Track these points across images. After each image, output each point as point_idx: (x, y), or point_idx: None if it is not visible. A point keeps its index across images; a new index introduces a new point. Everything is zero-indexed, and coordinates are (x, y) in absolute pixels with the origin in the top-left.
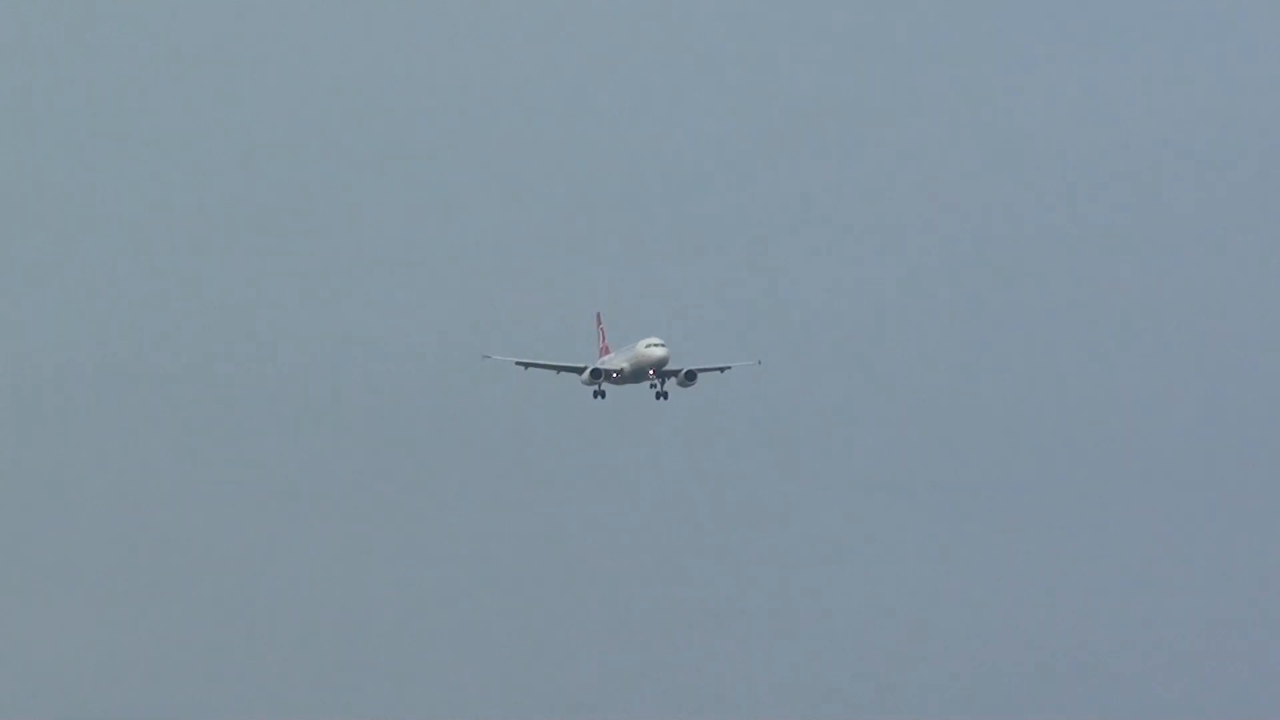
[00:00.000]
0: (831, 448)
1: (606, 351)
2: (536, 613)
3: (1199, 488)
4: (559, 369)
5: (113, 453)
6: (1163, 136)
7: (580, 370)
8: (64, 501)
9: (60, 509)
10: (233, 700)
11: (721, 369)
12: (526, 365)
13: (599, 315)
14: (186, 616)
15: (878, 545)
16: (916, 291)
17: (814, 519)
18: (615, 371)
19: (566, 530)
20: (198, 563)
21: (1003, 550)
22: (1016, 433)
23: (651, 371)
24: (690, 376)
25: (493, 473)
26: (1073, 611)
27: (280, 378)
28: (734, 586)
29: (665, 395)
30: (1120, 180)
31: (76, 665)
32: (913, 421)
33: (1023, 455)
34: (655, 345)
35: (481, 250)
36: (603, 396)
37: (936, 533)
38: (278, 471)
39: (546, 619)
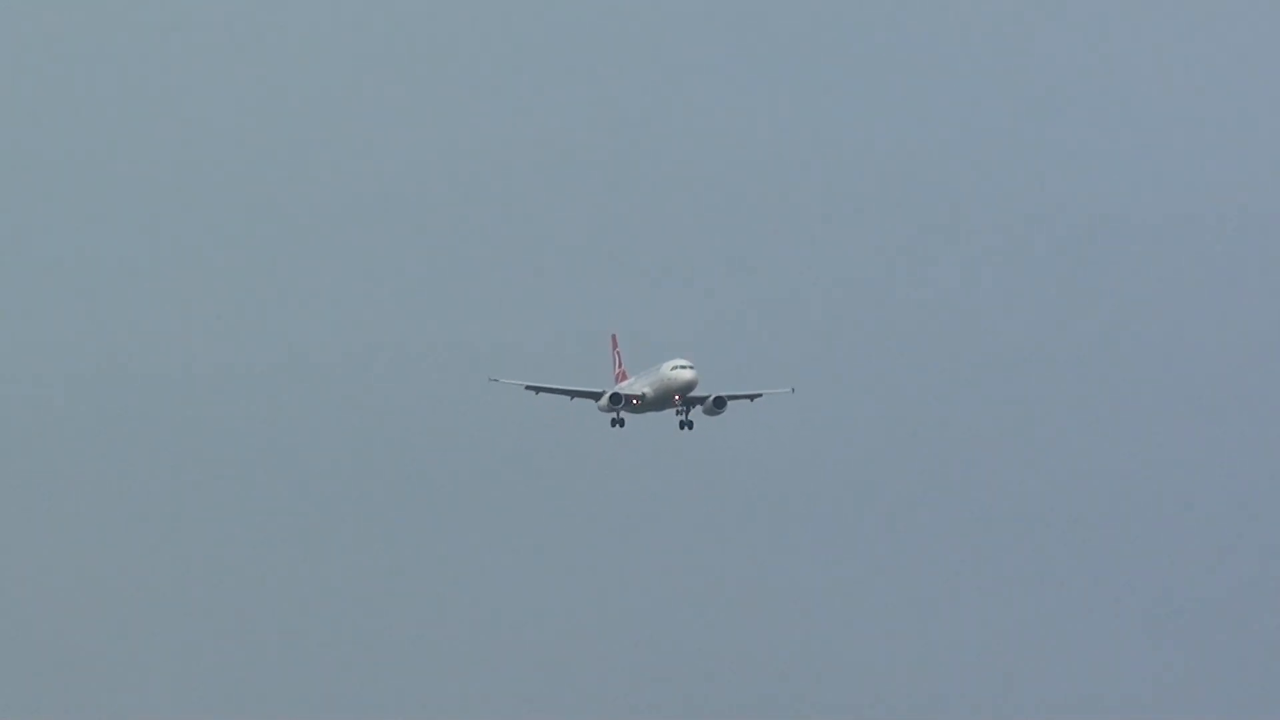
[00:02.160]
0: (871, 485)
1: (623, 377)
2: (534, 665)
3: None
4: (573, 394)
5: (109, 460)
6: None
7: (597, 396)
8: (72, 508)
9: (67, 516)
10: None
11: (752, 396)
12: (538, 390)
13: (614, 337)
14: (182, 629)
15: (916, 594)
16: (965, 308)
17: (851, 564)
18: (636, 397)
19: (578, 572)
20: (189, 581)
21: (1041, 590)
22: (1061, 466)
23: (677, 397)
24: (719, 404)
25: (499, 509)
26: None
27: (270, 400)
28: (758, 638)
29: (690, 425)
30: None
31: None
32: (961, 458)
33: (1066, 492)
34: (682, 367)
35: (487, 265)
36: (621, 425)
37: (982, 583)
38: (267, 501)
39: (546, 673)
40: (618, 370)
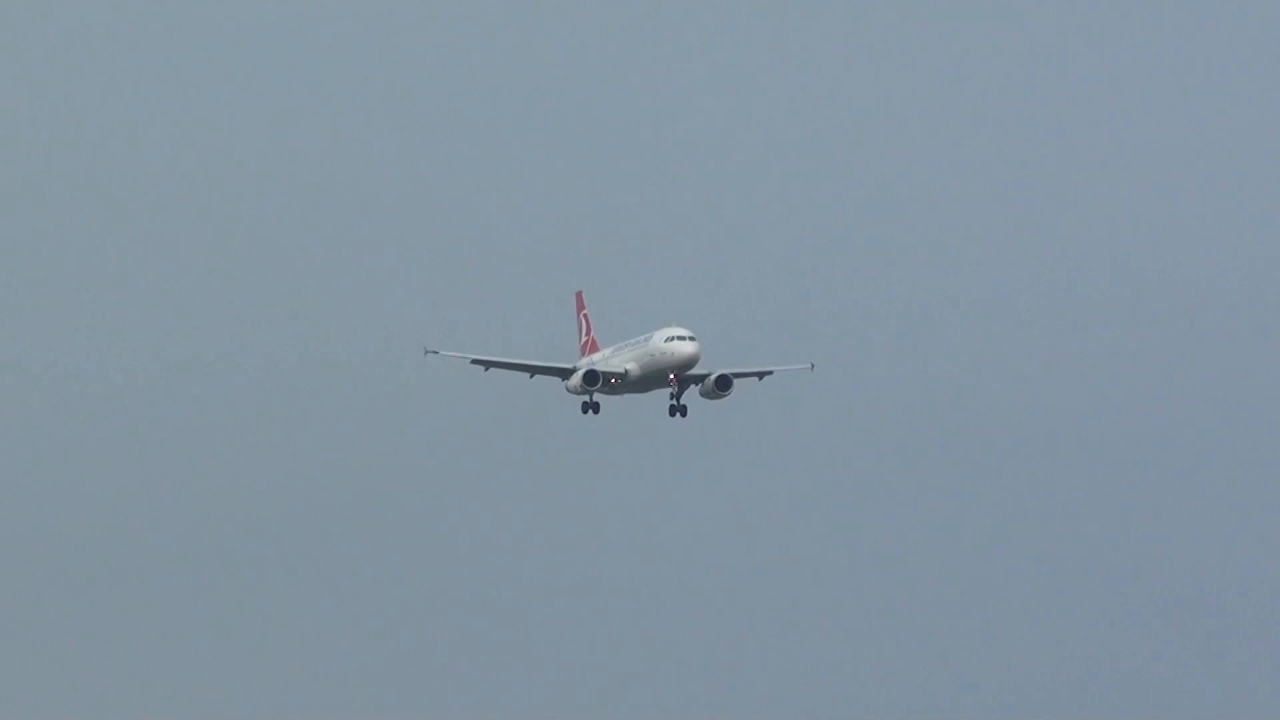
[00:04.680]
0: (907, 484)
1: (593, 346)
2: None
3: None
4: (534, 370)
5: (76, 452)
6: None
7: (565, 373)
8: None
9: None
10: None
11: (761, 374)
12: (487, 365)
13: (580, 295)
14: (148, 618)
15: (958, 612)
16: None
17: (883, 582)
18: (616, 375)
19: (539, 595)
20: (150, 567)
21: (1068, 580)
22: (1091, 449)
23: (671, 376)
24: (723, 384)
25: (437, 516)
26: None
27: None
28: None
29: (684, 410)
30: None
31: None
32: (1014, 448)
33: (1094, 477)
34: (682, 338)
35: (426, 218)
36: (595, 411)
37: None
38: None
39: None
40: (585, 338)
